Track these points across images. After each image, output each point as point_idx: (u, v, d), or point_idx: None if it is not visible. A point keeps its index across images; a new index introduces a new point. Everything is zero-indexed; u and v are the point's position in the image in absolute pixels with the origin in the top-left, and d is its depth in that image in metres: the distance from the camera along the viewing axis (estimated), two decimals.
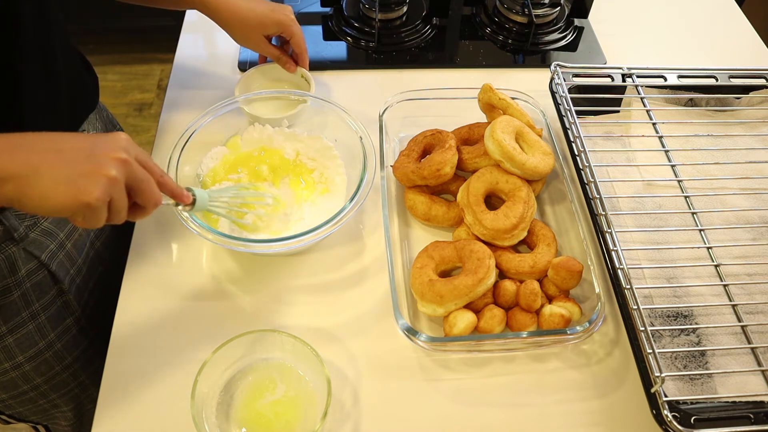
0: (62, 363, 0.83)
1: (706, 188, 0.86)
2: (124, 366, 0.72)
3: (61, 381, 0.85)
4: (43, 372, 0.82)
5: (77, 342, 0.84)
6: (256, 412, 0.66)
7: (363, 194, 0.77)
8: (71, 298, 0.81)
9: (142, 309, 0.76)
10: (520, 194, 0.80)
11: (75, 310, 0.82)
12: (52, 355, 0.81)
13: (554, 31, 1.14)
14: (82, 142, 0.55)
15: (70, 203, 0.52)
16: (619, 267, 0.73)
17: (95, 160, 0.54)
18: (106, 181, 0.53)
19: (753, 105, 0.96)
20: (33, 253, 0.74)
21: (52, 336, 0.80)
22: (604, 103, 0.94)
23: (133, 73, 2.36)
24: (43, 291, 0.77)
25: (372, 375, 0.72)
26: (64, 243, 0.78)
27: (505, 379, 0.72)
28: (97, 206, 0.53)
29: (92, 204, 0.52)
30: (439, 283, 0.73)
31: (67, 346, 0.82)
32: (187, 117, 0.95)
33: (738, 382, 0.69)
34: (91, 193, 0.52)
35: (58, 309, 0.79)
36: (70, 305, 0.81)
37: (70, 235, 0.79)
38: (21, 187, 0.51)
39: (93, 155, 0.54)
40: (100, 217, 0.54)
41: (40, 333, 0.78)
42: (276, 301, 0.77)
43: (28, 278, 0.74)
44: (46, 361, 0.81)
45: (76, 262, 0.81)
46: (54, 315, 0.79)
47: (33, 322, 0.77)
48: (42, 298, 0.77)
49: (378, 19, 1.09)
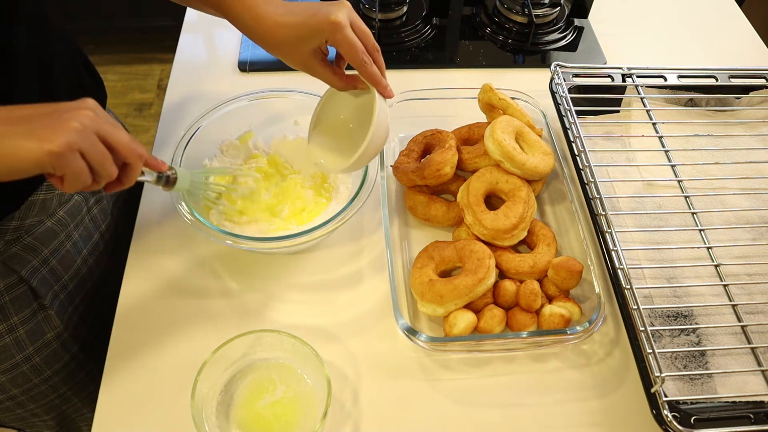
0: (40, 376, 0.81)
1: (706, 188, 0.86)
2: (123, 365, 0.71)
3: (40, 393, 0.83)
4: (20, 384, 0.80)
5: (58, 356, 0.82)
6: (255, 412, 0.66)
7: (364, 194, 0.77)
8: (53, 314, 0.78)
9: (142, 308, 0.76)
10: (520, 194, 0.80)
11: (56, 325, 0.79)
12: (29, 368, 0.79)
13: (554, 31, 1.14)
14: (46, 106, 0.54)
15: (34, 154, 0.50)
16: (619, 267, 0.73)
17: (60, 116, 0.52)
18: (69, 129, 0.51)
19: (753, 105, 0.96)
20: (12, 267, 0.72)
21: (31, 350, 0.78)
22: (604, 103, 0.94)
23: (133, 73, 2.36)
24: (23, 305, 0.75)
25: (372, 375, 0.72)
26: (48, 259, 0.76)
27: (505, 379, 0.72)
28: (63, 153, 0.51)
29: (56, 151, 0.50)
30: (439, 283, 0.73)
31: (46, 360, 0.80)
32: (187, 117, 0.95)
33: (738, 382, 0.69)
34: (52, 140, 0.50)
35: (38, 323, 0.77)
36: (51, 320, 0.78)
37: (56, 252, 0.77)
38: None
39: (56, 113, 0.52)
40: (75, 167, 0.52)
41: (17, 346, 0.76)
42: (276, 301, 0.77)
43: (6, 292, 0.72)
44: (22, 374, 0.79)
45: (61, 279, 0.79)
46: (33, 329, 0.77)
47: (10, 335, 0.75)
48: (20, 312, 0.75)
49: (378, 19, 1.09)
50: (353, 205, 0.76)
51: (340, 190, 0.85)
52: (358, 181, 0.79)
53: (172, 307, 0.76)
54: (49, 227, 0.75)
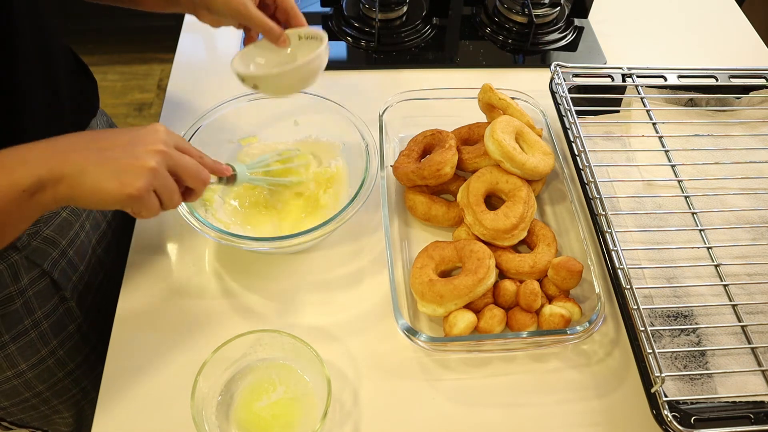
0: (64, 369, 0.83)
1: (706, 188, 0.86)
2: (124, 366, 0.72)
3: (63, 387, 0.85)
4: (46, 379, 0.82)
5: (79, 348, 0.84)
6: (255, 412, 0.66)
7: (364, 194, 0.77)
8: (73, 305, 0.81)
9: (142, 308, 0.76)
10: (520, 194, 0.80)
11: (77, 316, 0.82)
12: (54, 362, 0.81)
13: (554, 31, 1.14)
14: (121, 137, 0.58)
15: (118, 197, 0.55)
16: (619, 267, 0.73)
17: (135, 153, 0.57)
18: (146, 172, 0.56)
19: (753, 105, 0.96)
20: (35, 261, 0.74)
21: (55, 343, 0.80)
22: (604, 103, 0.94)
23: (133, 73, 2.36)
24: (46, 299, 0.77)
25: (372, 375, 0.72)
26: (66, 250, 0.78)
27: (505, 379, 0.72)
28: (141, 196, 0.56)
29: (135, 195, 0.56)
30: (439, 283, 0.73)
31: (69, 352, 0.82)
32: (187, 117, 0.95)
33: (738, 382, 0.69)
34: (132, 185, 0.55)
35: (60, 316, 0.79)
36: (72, 312, 0.81)
37: (72, 243, 0.79)
38: (72, 188, 0.54)
39: (133, 149, 0.57)
40: (149, 206, 0.58)
41: (42, 340, 0.78)
42: (276, 301, 0.77)
43: (30, 286, 0.74)
44: (48, 369, 0.81)
45: (78, 269, 0.81)
46: (56, 322, 0.79)
47: (35, 330, 0.77)
48: (44, 306, 0.77)
49: (378, 19, 1.09)
50: (353, 205, 0.76)
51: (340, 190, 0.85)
52: (358, 181, 0.79)
53: (172, 307, 0.76)
54: (65, 218, 0.77)
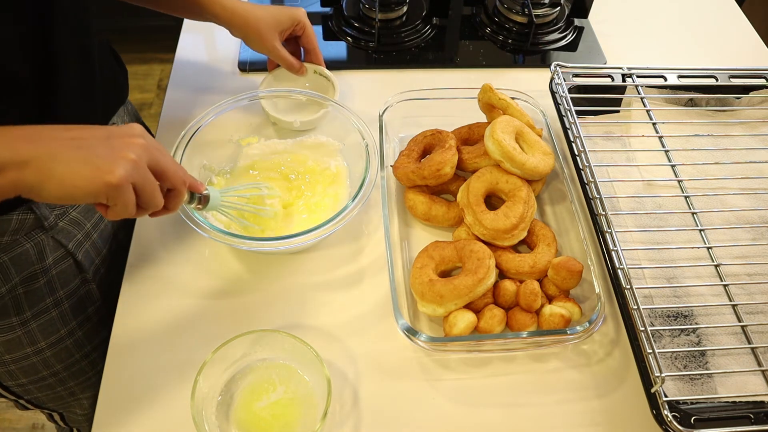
0: (82, 351, 0.85)
1: (706, 188, 0.86)
2: (124, 365, 0.71)
3: (80, 369, 0.87)
4: (63, 359, 0.83)
5: (97, 331, 0.85)
6: (255, 412, 0.66)
7: (365, 194, 0.77)
8: (94, 288, 0.82)
9: (142, 308, 0.76)
10: (520, 194, 0.80)
11: (97, 299, 0.83)
12: (72, 342, 0.83)
13: (554, 31, 1.14)
14: (98, 130, 0.55)
15: (92, 185, 0.51)
16: (619, 267, 0.73)
17: (112, 144, 0.54)
18: (127, 162, 0.53)
19: (753, 105, 0.96)
20: (61, 241, 0.75)
21: (74, 324, 0.81)
22: (604, 103, 0.94)
23: (133, 73, 2.35)
24: (68, 279, 0.78)
25: (372, 375, 0.72)
26: (91, 233, 0.79)
27: (505, 379, 0.72)
28: (121, 185, 0.52)
29: (114, 183, 0.51)
30: (439, 283, 0.73)
31: (87, 334, 0.84)
32: (187, 117, 0.95)
33: (738, 382, 0.69)
34: (112, 171, 0.51)
35: (81, 298, 0.81)
36: (92, 294, 0.82)
37: (97, 226, 0.81)
38: (40, 173, 0.50)
39: (110, 140, 0.54)
40: (126, 200, 0.53)
41: (62, 320, 0.80)
42: (276, 301, 0.77)
43: (54, 266, 0.76)
44: (66, 348, 0.83)
45: (101, 253, 0.83)
46: (77, 303, 0.81)
47: (56, 309, 0.78)
48: (66, 286, 0.78)
49: (378, 19, 1.09)
50: (353, 205, 0.76)
51: (340, 190, 0.85)
52: (358, 181, 0.79)
53: (172, 307, 0.76)
54: None
